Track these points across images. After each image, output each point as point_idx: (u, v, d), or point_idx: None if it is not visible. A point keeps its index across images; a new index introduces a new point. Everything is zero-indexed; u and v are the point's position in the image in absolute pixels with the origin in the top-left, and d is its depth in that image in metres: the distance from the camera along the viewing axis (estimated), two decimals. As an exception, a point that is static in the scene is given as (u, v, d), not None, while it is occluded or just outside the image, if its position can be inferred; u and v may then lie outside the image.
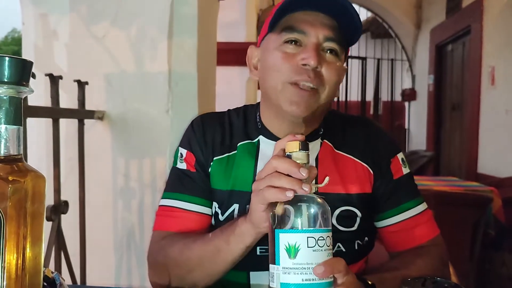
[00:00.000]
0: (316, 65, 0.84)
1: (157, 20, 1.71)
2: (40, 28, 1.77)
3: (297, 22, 0.87)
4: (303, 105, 0.86)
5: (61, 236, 1.46)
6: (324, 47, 0.87)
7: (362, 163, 0.95)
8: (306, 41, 0.87)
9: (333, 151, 0.96)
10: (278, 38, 0.89)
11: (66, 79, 1.50)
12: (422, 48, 6.45)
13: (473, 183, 3.31)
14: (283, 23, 0.89)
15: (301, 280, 0.61)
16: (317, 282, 0.61)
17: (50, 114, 1.44)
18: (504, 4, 4.00)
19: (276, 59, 0.88)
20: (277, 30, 0.90)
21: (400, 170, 0.97)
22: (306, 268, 0.61)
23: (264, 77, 0.91)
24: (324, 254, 0.62)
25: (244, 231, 0.78)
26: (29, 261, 0.52)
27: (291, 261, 0.61)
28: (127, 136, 1.74)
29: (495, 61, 4.18)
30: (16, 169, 0.51)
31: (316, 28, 0.86)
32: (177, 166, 0.99)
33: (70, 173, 1.68)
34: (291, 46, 0.87)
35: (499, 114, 4.05)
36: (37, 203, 0.52)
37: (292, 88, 0.86)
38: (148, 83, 1.72)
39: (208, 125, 0.99)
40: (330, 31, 0.87)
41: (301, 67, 0.85)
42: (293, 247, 0.61)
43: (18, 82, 0.51)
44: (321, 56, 0.86)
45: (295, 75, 0.86)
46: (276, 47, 0.88)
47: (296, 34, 0.87)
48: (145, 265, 1.76)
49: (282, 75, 0.87)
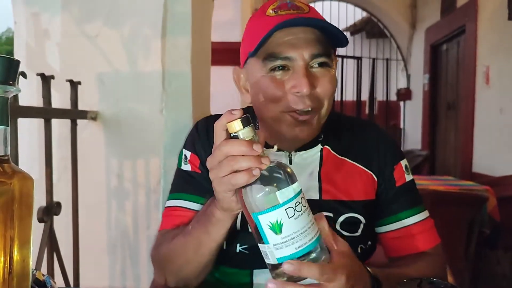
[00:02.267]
0: (309, 91, 0.81)
1: (151, 19, 1.69)
2: (32, 27, 1.75)
3: (278, 47, 0.82)
4: (306, 129, 0.85)
5: (54, 238, 1.44)
6: (312, 64, 0.84)
7: (367, 170, 0.94)
8: (293, 65, 0.83)
9: (336, 157, 0.95)
10: (262, 65, 0.85)
11: (58, 79, 1.48)
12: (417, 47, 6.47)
13: (468, 182, 3.32)
14: (264, 51, 0.84)
15: (294, 249, 0.62)
16: (309, 244, 0.63)
17: (42, 115, 1.42)
18: (498, 3, 4.01)
19: (266, 87, 0.84)
20: (259, 56, 0.85)
21: (403, 177, 0.96)
22: (295, 237, 0.62)
23: (258, 104, 0.89)
24: (305, 215, 0.63)
25: (220, 218, 0.77)
26: (16, 264, 0.50)
27: (279, 237, 0.62)
28: (121, 136, 1.73)
29: (490, 61, 4.20)
30: (2, 171, 0.50)
31: (299, 49, 0.82)
32: (182, 168, 0.98)
33: (63, 174, 1.66)
34: (279, 73, 0.83)
35: (494, 113, 4.07)
36: (24, 205, 0.51)
37: (290, 116, 0.84)
38: (142, 82, 1.71)
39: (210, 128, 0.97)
40: (314, 46, 0.82)
41: (294, 94, 0.82)
42: (277, 224, 0.62)
43: (4, 81, 0.50)
44: (313, 76, 0.83)
45: (291, 105, 0.83)
46: (263, 74, 0.85)
47: (280, 61, 0.83)
48: (139, 266, 1.76)
49: (277, 105, 0.84)
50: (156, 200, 1.72)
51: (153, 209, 1.73)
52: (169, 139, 1.70)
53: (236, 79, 0.95)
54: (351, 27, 8.22)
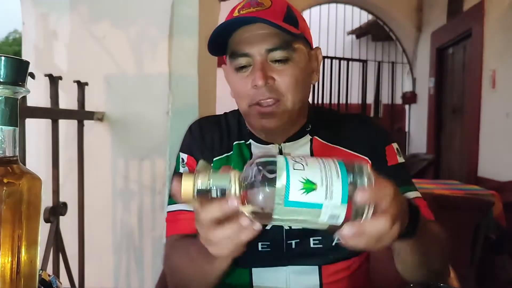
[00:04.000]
0: (264, 84, 0.85)
1: (158, 21, 1.70)
2: (40, 28, 1.76)
3: (238, 45, 0.88)
4: (271, 119, 0.88)
5: (60, 238, 1.45)
6: (270, 59, 0.88)
7: (359, 155, 0.95)
8: (253, 61, 0.88)
9: (327, 145, 0.96)
10: (230, 64, 0.91)
11: (65, 80, 1.49)
12: (423, 51, 6.45)
13: (473, 187, 3.29)
14: (229, 48, 0.90)
15: (338, 179, 0.57)
16: (339, 165, 0.59)
17: (50, 115, 1.43)
18: (505, 7, 4.00)
19: (235, 85, 0.91)
20: (227, 53, 0.91)
21: (395, 158, 0.97)
22: (324, 170, 0.58)
23: (235, 99, 0.95)
24: (310, 159, 0.59)
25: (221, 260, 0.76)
26: (24, 264, 0.51)
27: (319, 187, 0.56)
28: (127, 138, 1.73)
29: (496, 65, 4.18)
30: (11, 171, 0.50)
31: (254, 45, 0.87)
32: (180, 171, 0.99)
33: (69, 175, 1.67)
34: (243, 71, 0.89)
35: (500, 117, 4.04)
36: (32, 206, 0.51)
37: (255, 108, 0.89)
38: (148, 84, 1.72)
39: (206, 127, 1.01)
40: (268, 42, 0.86)
41: (255, 88, 0.87)
42: (306, 183, 0.56)
43: (14, 82, 0.50)
44: (270, 69, 0.87)
45: (253, 98, 0.88)
46: (232, 71, 0.91)
47: (240, 59, 0.88)
48: (144, 267, 1.76)
49: (245, 100, 0.90)
50: (161, 202, 1.72)
51: (159, 210, 1.74)
52: (175, 140, 1.70)
53: (226, 76, 0.99)
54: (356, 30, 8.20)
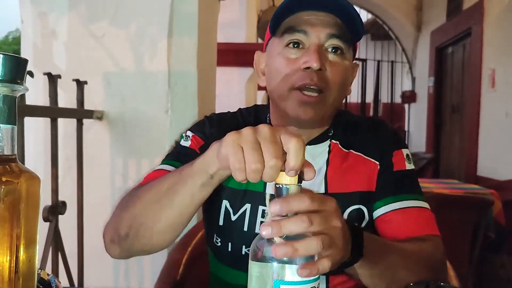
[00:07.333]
0: (319, 67, 0.82)
1: (157, 19, 1.70)
2: (39, 27, 1.75)
3: (297, 22, 0.86)
4: (309, 110, 0.85)
5: (59, 237, 1.44)
6: (327, 47, 0.86)
7: (370, 159, 0.94)
8: (308, 43, 0.85)
9: (342, 150, 0.95)
10: (280, 41, 0.88)
11: (64, 78, 1.48)
12: (422, 50, 6.45)
13: (473, 186, 3.30)
14: (284, 26, 0.87)
15: None
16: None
17: (48, 114, 1.43)
18: (505, 6, 4.00)
19: (279, 65, 0.87)
20: (278, 33, 0.89)
21: (403, 164, 0.96)
22: None
23: (270, 83, 0.91)
24: None
25: (209, 160, 0.66)
26: (22, 263, 0.50)
27: None
28: (126, 136, 1.73)
29: (496, 64, 4.18)
30: (9, 170, 0.49)
31: (317, 27, 0.85)
32: (180, 143, 0.97)
33: (68, 173, 1.66)
34: (293, 50, 0.86)
35: (499, 117, 4.05)
36: (31, 204, 0.51)
37: (296, 94, 0.85)
38: (148, 82, 1.71)
39: (223, 122, 0.98)
40: (332, 28, 0.85)
41: (304, 71, 0.84)
42: None
43: (13, 80, 0.49)
44: (324, 57, 0.85)
45: (298, 80, 0.84)
46: (279, 52, 0.88)
47: (297, 35, 0.86)
48: (144, 268, 1.76)
49: (286, 82, 0.86)
50: (160, 201, 1.72)
51: (158, 209, 1.73)
52: (174, 139, 1.70)
53: (256, 61, 0.97)
54: (356, 29, 8.21)
